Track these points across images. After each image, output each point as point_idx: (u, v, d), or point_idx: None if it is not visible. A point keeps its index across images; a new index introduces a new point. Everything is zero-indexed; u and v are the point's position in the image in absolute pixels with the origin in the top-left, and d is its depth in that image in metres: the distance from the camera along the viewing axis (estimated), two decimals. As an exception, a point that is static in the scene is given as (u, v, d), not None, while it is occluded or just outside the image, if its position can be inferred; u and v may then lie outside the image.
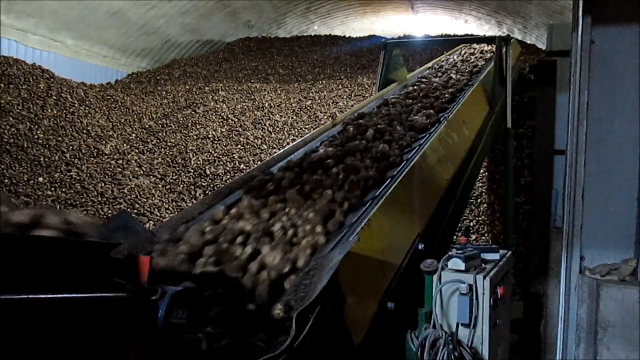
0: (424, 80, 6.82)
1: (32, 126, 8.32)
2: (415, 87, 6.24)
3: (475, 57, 8.53)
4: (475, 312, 2.52)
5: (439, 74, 7.36)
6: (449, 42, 10.65)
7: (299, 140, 4.57)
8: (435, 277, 2.63)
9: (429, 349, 2.47)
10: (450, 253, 2.71)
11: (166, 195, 7.95)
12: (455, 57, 8.96)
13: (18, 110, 8.45)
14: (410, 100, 5.51)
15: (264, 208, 2.98)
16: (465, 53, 9.25)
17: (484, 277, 2.55)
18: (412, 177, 3.52)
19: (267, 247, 2.55)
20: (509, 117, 6.95)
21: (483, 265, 2.73)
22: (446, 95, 5.60)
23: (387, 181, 3.39)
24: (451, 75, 7.06)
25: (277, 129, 9.69)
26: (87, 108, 9.52)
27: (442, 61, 8.60)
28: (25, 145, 7.91)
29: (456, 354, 2.44)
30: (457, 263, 2.61)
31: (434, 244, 3.43)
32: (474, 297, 2.52)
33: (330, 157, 3.75)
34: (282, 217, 2.85)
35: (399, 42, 8.36)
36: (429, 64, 8.37)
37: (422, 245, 3.14)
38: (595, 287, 2.81)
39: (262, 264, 2.44)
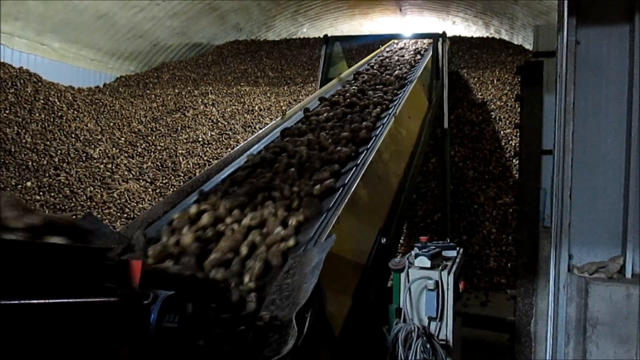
0: (362, 77, 6.80)
1: (19, 130, 8.24)
2: (353, 86, 6.23)
3: (411, 53, 8.62)
4: (442, 306, 2.73)
5: (379, 69, 7.39)
6: (390, 39, 10.75)
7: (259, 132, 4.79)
8: (403, 275, 2.80)
9: (402, 342, 2.65)
10: (415, 252, 2.88)
11: (156, 199, 7.91)
12: (390, 52, 9.03)
13: (5, 115, 8.37)
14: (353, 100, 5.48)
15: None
16: (400, 48, 9.32)
17: (448, 273, 2.77)
18: (371, 173, 3.62)
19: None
20: (446, 117, 7.02)
21: (444, 262, 2.92)
22: (392, 90, 5.68)
23: (348, 178, 3.46)
24: (390, 70, 7.08)
25: (267, 131, 9.69)
26: (76, 112, 9.45)
27: (378, 57, 8.66)
28: (13, 150, 7.84)
29: (428, 345, 2.65)
30: (423, 261, 2.80)
31: (389, 237, 3.58)
32: (440, 292, 2.73)
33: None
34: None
35: (340, 37, 8.54)
36: (366, 59, 8.39)
37: (384, 239, 3.30)
38: (584, 285, 2.85)
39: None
